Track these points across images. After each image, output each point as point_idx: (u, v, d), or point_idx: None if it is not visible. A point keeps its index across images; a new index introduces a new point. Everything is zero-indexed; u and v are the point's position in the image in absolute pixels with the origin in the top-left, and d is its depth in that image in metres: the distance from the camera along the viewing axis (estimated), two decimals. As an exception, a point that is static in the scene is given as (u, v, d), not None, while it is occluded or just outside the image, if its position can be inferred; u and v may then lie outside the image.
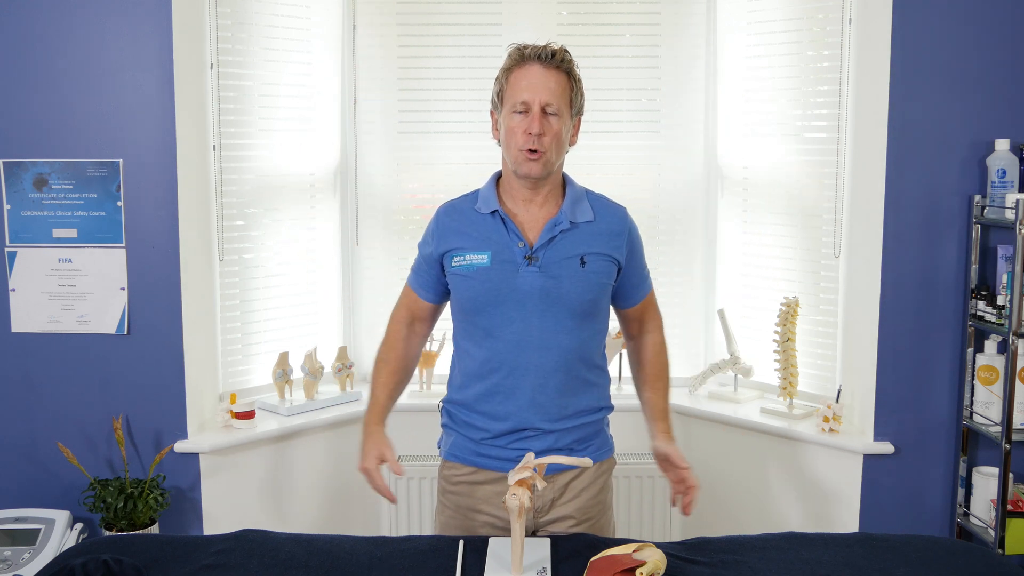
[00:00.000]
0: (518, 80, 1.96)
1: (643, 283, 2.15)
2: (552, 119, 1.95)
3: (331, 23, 3.24)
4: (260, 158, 3.10)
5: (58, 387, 2.87)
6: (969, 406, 2.82)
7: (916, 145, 2.77)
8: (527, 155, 1.95)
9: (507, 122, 1.97)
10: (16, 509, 2.81)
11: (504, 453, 2.02)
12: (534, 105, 1.93)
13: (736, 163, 3.25)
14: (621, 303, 2.14)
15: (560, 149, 1.99)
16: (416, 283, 2.13)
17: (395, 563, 1.82)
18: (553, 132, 1.95)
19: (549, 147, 1.95)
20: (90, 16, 2.75)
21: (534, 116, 1.93)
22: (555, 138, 1.96)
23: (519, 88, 1.95)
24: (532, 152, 1.94)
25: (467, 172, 3.27)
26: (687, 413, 3.18)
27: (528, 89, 1.94)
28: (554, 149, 1.96)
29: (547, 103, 1.94)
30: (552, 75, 1.95)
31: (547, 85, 1.94)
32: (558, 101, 1.95)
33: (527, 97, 1.94)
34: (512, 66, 1.98)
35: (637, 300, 2.14)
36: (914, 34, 2.74)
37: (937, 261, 2.81)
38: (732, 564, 1.84)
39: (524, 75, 1.95)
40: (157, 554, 1.87)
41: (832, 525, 2.89)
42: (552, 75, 1.95)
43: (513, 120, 1.96)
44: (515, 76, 1.97)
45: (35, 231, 2.84)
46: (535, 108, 1.93)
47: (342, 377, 3.21)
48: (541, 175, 1.98)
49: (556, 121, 1.95)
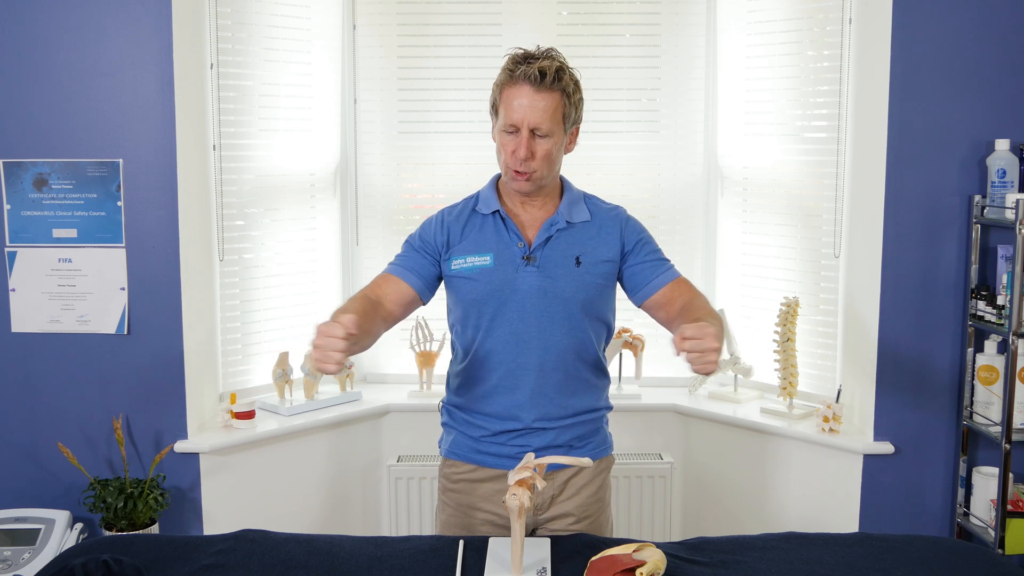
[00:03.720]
0: (509, 99, 1.93)
1: (660, 264, 2.04)
2: (541, 141, 1.93)
3: (331, 23, 3.24)
4: (260, 158, 3.10)
5: (58, 387, 2.87)
6: (969, 406, 2.82)
7: (916, 145, 2.77)
8: (515, 175, 1.96)
9: (499, 136, 1.98)
10: (16, 509, 2.81)
11: (504, 450, 2.03)
12: (523, 128, 1.92)
13: (736, 163, 3.25)
14: (643, 289, 2.02)
15: (551, 166, 1.98)
16: (402, 268, 2.04)
17: (395, 563, 1.83)
18: (542, 153, 1.94)
19: (539, 167, 1.95)
20: (90, 16, 2.75)
21: (522, 140, 1.92)
22: (544, 158, 1.95)
23: (510, 108, 1.93)
24: (520, 172, 1.95)
25: (467, 172, 3.27)
26: (687, 413, 3.18)
27: (518, 110, 1.91)
28: (544, 167, 1.96)
29: (536, 126, 1.92)
30: (543, 97, 1.91)
31: (536, 107, 1.91)
32: (549, 123, 1.92)
33: (516, 119, 1.92)
34: (504, 82, 1.95)
35: (660, 282, 2.01)
36: (914, 34, 2.74)
37: (937, 261, 2.81)
38: (732, 564, 1.84)
39: (515, 95, 1.92)
40: (157, 554, 1.87)
41: (832, 525, 2.89)
42: (543, 97, 1.91)
43: (504, 138, 1.96)
44: (507, 95, 1.94)
45: (35, 231, 2.84)
46: (524, 131, 1.92)
47: (342, 377, 3.21)
48: (530, 191, 2.00)
49: (546, 142, 1.94)
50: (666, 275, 2.04)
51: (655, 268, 2.04)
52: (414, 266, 2.05)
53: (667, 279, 2.03)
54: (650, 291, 2.03)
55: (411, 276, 2.04)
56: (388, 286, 2.03)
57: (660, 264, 2.05)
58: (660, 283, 2.02)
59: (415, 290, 2.04)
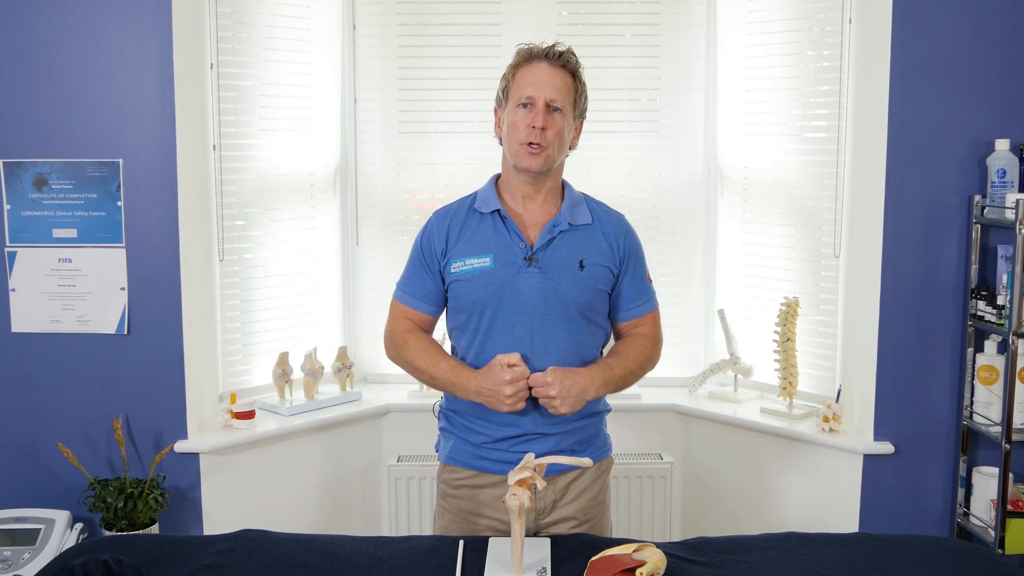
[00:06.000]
0: (524, 76, 1.98)
1: (642, 295, 2.10)
2: (556, 115, 1.97)
3: (331, 23, 3.24)
4: (260, 158, 3.10)
5: (58, 387, 2.87)
6: (969, 406, 2.82)
7: (916, 145, 2.77)
8: (528, 149, 1.96)
9: (510, 117, 1.99)
10: (16, 509, 2.81)
11: (506, 456, 2.02)
12: (539, 100, 1.96)
13: (736, 163, 3.24)
14: (619, 314, 2.10)
15: (562, 147, 2.00)
16: (412, 296, 2.08)
17: (395, 563, 1.82)
18: (556, 128, 1.97)
19: (551, 142, 1.97)
20: (90, 16, 2.75)
21: (538, 110, 1.95)
22: (558, 134, 1.97)
23: (525, 84, 1.97)
24: (534, 146, 1.95)
25: (467, 172, 3.27)
26: (687, 413, 3.18)
27: (534, 85, 1.96)
28: (556, 145, 1.98)
29: (552, 99, 1.96)
30: (558, 74, 1.98)
31: (553, 82, 1.96)
32: (563, 99, 1.97)
33: (532, 92, 1.96)
34: (519, 63, 2.00)
35: (635, 313, 2.10)
36: (914, 34, 2.74)
37: (937, 261, 2.81)
38: (732, 564, 1.84)
39: (531, 71, 1.98)
40: (157, 554, 1.87)
41: (832, 525, 2.89)
42: (558, 74, 1.98)
43: (517, 114, 1.97)
44: (521, 73, 1.99)
45: (35, 231, 2.84)
46: (540, 103, 1.96)
47: (342, 377, 3.21)
48: (541, 170, 1.99)
49: (559, 118, 1.97)
50: (645, 306, 2.11)
51: (638, 296, 2.10)
52: (422, 292, 2.08)
53: (643, 311, 2.11)
54: (625, 317, 2.10)
55: (424, 305, 2.09)
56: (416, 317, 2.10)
57: (644, 292, 2.11)
58: (635, 314, 2.10)
59: (432, 316, 2.11)
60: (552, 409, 1.94)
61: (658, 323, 2.14)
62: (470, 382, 1.96)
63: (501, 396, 1.92)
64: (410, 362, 2.06)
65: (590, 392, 1.96)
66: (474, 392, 1.96)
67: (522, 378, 1.93)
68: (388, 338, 2.11)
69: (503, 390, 1.91)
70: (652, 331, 2.12)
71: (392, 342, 2.10)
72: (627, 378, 2.05)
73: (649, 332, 2.11)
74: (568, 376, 1.94)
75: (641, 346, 2.08)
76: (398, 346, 2.08)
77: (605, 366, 2.02)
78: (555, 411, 1.94)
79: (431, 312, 2.09)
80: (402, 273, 2.12)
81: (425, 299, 2.07)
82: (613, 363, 2.03)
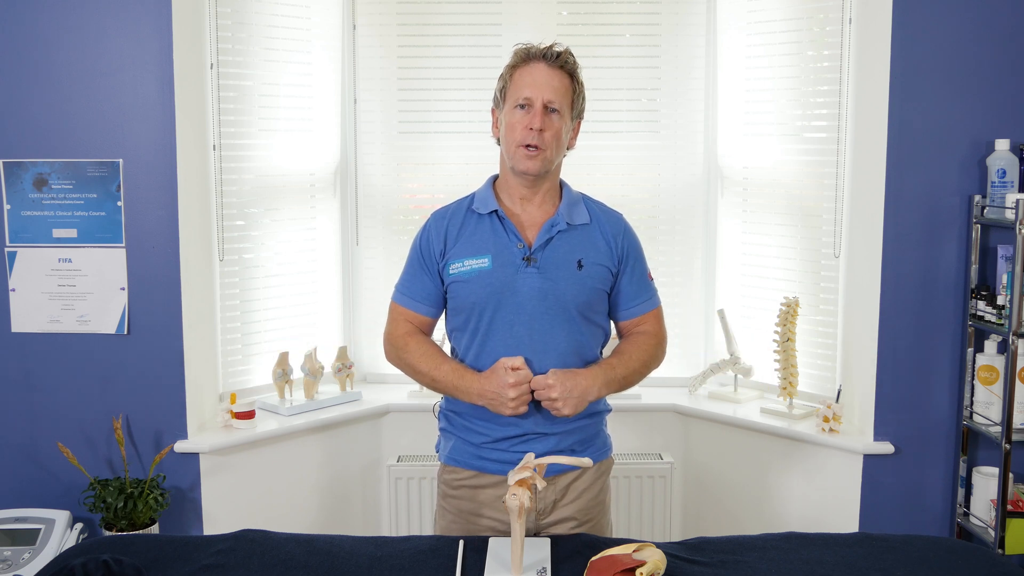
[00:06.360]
0: (522, 77, 1.97)
1: (642, 293, 2.09)
2: (553, 116, 1.96)
3: (331, 23, 3.24)
4: (260, 158, 3.10)
5: (58, 387, 2.87)
6: (969, 406, 2.82)
7: (916, 145, 2.77)
8: (526, 151, 1.96)
9: (508, 118, 1.98)
10: (16, 509, 2.81)
11: (507, 456, 2.02)
12: (536, 101, 1.95)
13: (736, 163, 3.24)
14: (620, 313, 2.09)
15: (559, 148, 2.00)
16: (411, 298, 2.08)
17: (395, 563, 1.82)
18: (554, 129, 1.96)
19: (549, 144, 1.96)
20: (90, 16, 2.75)
21: (536, 112, 1.95)
22: (555, 136, 1.97)
23: (523, 84, 1.96)
24: (531, 148, 1.95)
25: (467, 172, 3.27)
26: (687, 413, 3.18)
27: (532, 86, 1.96)
28: (554, 146, 1.97)
29: (549, 100, 1.95)
30: (556, 74, 1.97)
31: (551, 83, 1.96)
32: (560, 100, 1.96)
33: (530, 93, 1.95)
34: (517, 64, 2.00)
35: (636, 311, 2.09)
36: (914, 34, 2.74)
37: (937, 261, 2.81)
38: (732, 564, 1.84)
39: (528, 72, 1.97)
40: (157, 554, 1.87)
41: (832, 525, 2.89)
42: (556, 74, 1.97)
43: (514, 116, 1.97)
44: (519, 73, 1.98)
45: (35, 231, 2.84)
46: (537, 104, 1.95)
47: (342, 377, 3.21)
48: (539, 172, 1.98)
49: (557, 119, 1.97)
50: (646, 304, 2.10)
51: (638, 294, 2.09)
52: (421, 293, 2.07)
53: (645, 309, 2.10)
54: (626, 316, 2.10)
55: (423, 306, 2.08)
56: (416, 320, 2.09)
57: (644, 290, 2.10)
58: (637, 312, 2.10)
59: (432, 318, 2.11)
60: (554, 411, 1.94)
61: (661, 321, 2.14)
62: (473, 385, 1.96)
63: (504, 399, 1.92)
64: (411, 365, 2.06)
65: (592, 393, 1.96)
66: (477, 395, 1.96)
67: (525, 381, 1.92)
68: (388, 341, 2.11)
69: (506, 393, 1.91)
70: (655, 329, 2.12)
71: (392, 345, 2.09)
72: (630, 377, 2.05)
73: (652, 330, 2.11)
74: (570, 377, 1.94)
75: (644, 344, 2.08)
76: (398, 349, 2.08)
77: (607, 366, 2.02)
78: (557, 413, 1.94)
79: (430, 314, 2.09)
80: (400, 276, 2.12)
81: (424, 301, 2.07)
82: (615, 363, 2.03)
